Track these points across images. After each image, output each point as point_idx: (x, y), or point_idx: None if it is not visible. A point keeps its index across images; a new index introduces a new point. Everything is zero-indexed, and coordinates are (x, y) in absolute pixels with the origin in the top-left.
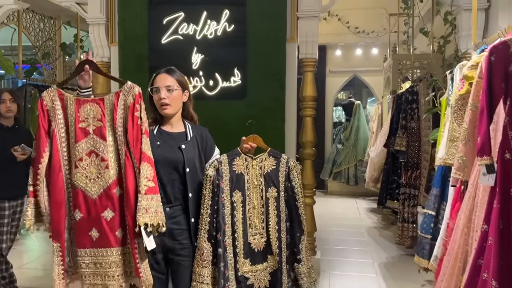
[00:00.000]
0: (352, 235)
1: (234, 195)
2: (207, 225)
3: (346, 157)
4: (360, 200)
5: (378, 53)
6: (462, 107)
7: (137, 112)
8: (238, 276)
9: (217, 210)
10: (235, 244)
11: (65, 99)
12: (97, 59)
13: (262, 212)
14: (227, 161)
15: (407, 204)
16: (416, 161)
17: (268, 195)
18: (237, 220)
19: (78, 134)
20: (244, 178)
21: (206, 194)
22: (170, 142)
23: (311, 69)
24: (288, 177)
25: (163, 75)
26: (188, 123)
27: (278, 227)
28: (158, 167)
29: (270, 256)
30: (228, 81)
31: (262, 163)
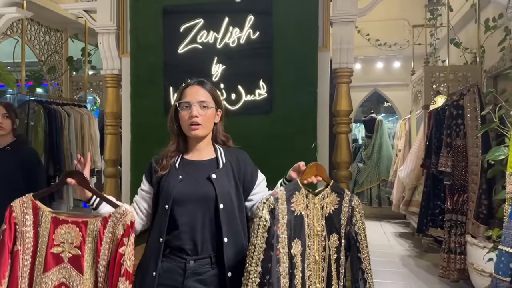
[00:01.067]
0: (386, 265)
1: (294, 246)
2: (256, 284)
3: (368, 176)
4: (385, 223)
5: (400, 67)
6: None
7: (122, 248)
8: None
9: (270, 269)
10: None
11: (39, 214)
12: (107, 71)
13: (323, 268)
14: (284, 198)
15: (453, 232)
16: (462, 183)
17: (330, 244)
18: (297, 282)
19: (49, 261)
20: (304, 221)
21: (257, 245)
22: (197, 173)
23: (346, 80)
24: (350, 219)
25: (195, 88)
26: (220, 147)
27: (338, 286)
28: (182, 208)
29: None
30: (252, 94)
31: (324, 200)
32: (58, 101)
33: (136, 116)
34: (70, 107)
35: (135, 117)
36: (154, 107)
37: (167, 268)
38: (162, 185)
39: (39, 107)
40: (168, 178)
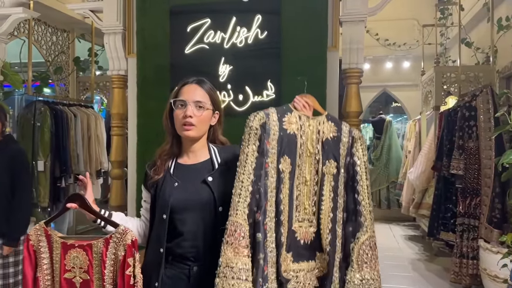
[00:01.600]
0: (395, 269)
1: (282, 162)
2: (248, 196)
3: (377, 178)
4: (395, 226)
5: (409, 67)
6: None
7: (129, 269)
8: (281, 275)
9: (260, 177)
10: (280, 231)
11: (51, 241)
12: (113, 72)
13: (315, 191)
14: (276, 116)
15: (465, 237)
16: (475, 186)
17: (325, 170)
18: (283, 197)
19: (63, 286)
20: (297, 141)
21: (249, 153)
22: (192, 177)
23: (356, 81)
24: (350, 150)
25: (192, 86)
26: (214, 147)
27: (333, 215)
28: (181, 216)
29: (319, 254)
30: (260, 95)
31: (321, 126)
32: (65, 101)
33: (143, 117)
34: (76, 107)
35: (142, 118)
36: (161, 108)
37: (170, 275)
38: (158, 193)
39: (46, 107)
40: (164, 186)
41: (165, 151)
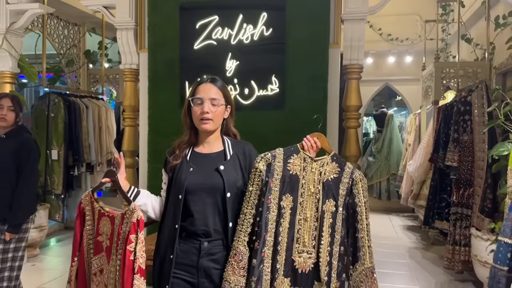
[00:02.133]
0: (393, 256)
1: (284, 200)
2: (249, 227)
3: (378, 170)
4: (394, 216)
5: (411, 62)
6: None
7: (131, 245)
8: None
9: (261, 213)
10: (276, 258)
11: (94, 207)
12: (125, 66)
13: (315, 227)
14: (282, 157)
15: (458, 225)
16: (468, 177)
17: (324, 208)
18: (282, 230)
19: (96, 247)
20: (299, 181)
21: (253, 191)
22: (206, 165)
23: (356, 76)
24: (350, 191)
25: (208, 85)
26: (228, 140)
27: (330, 249)
28: (194, 197)
29: (317, 283)
30: (265, 89)
31: (323, 167)
32: (77, 93)
33: (153, 110)
34: (88, 99)
35: (152, 110)
36: (171, 101)
37: (183, 249)
38: (175, 176)
39: (59, 99)
40: (181, 170)
41: (183, 141)
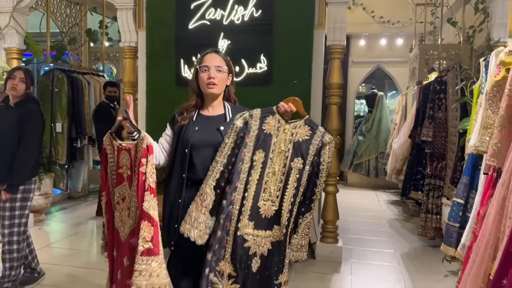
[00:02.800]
0: (373, 226)
1: (257, 154)
2: (217, 174)
3: (367, 149)
4: (381, 192)
5: (403, 44)
6: (497, 94)
7: (143, 167)
8: (237, 235)
9: (234, 163)
10: (243, 203)
11: (114, 145)
12: (125, 44)
13: (281, 180)
14: (259, 117)
15: (431, 195)
16: (442, 152)
17: (292, 165)
18: (251, 180)
19: (118, 179)
20: (272, 140)
21: (227, 143)
22: (210, 125)
23: (338, 56)
24: (319, 152)
25: (213, 55)
26: (229, 105)
27: (293, 200)
28: (198, 152)
29: (277, 227)
30: (254, 67)
31: (296, 129)
32: (79, 70)
33: (151, 85)
34: (89, 76)
35: (150, 86)
36: (167, 77)
37: (189, 195)
38: (182, 134)
39: (63, 75)
40: (187, 129)
41: (191, 105)
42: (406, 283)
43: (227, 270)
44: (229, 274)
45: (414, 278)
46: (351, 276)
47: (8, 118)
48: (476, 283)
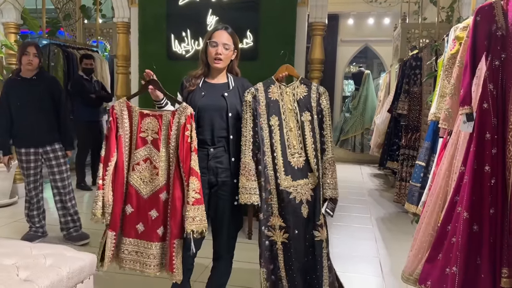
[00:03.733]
0: (354, 195)
1: (271, 120)
2: (250, 145)
3: (354, 125)
4: (365, 166)
5: (389, 23)
6: (452, 65)
7: (188, 132)
8: (280, 190)
9: (257, 132)
10: (275, 163)
11: (132, 110)
12: (118, 19)
13: (299, 134)
14: (263, 89)
15: (405, 164)
16: (416, 124)
17: (303, 119)
18: (275, 141)
19: (139, 142)
20: (279, 104)
21: (248, 118)
22: (214, 91)
23: (320, 33)
24: (318, 101)
25: (222, 32)
26: (231, 76)
27: (314, 146)
28: (204, 114)
29: (310, 174)
30: (240, 43)
31: (295, 90)
32: (74, 45)
33: (143, 59)
34: (84, 51)
35: (142, 60)
36: (159, 51)
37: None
38: (190, 98)
39: (59, 49)
40: (194, 94)
41: (198, 73)
42: (378, 241)
43: (278, 223)
44: (279, 225)
45: (385, 237)
46: None
47: (33, 89)
48: (427, 230)
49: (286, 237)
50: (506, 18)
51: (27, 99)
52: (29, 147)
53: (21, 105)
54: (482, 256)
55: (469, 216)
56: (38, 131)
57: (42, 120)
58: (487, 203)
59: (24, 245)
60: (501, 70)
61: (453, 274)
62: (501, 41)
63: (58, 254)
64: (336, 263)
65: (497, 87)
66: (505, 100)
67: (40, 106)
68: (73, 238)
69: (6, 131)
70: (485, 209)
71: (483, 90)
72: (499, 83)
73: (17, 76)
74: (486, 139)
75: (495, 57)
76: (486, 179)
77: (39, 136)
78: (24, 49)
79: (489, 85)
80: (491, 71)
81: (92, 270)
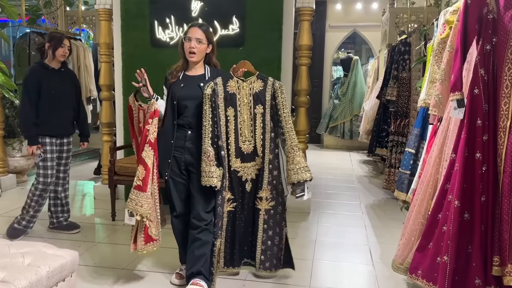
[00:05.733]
0: (343, 182)
1: (228, 111)
2: (210, 133)
3: (343, 112)
4: (354, 153)
5: (378, 8)
6: (442, 50)
7: (148, 126)
8: (231, 170)
9: (216, 122)
10: (229, 148)
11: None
12: (100, 6)
13: (251, 124)
14: (222, 83)
15: (394, 151)
16: (405, 110)
17: (255, 111)
18: (230, 130)
19: (140, 130)
20: (236, 97)
21: (207, 109)
22: (192, 82)
23: (307, 18)
24: (273, 96)
25: (195, 29)
26: (208, 67)
27: (262, 136)
28: (183, 103)
29: (257, 158)
30: (226, 29)
31: (252, 84)
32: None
33: (126, 47)
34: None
35: (125, 48)
36: (142, 38)
37: (177, 136)
38: (172, 89)
39: (40, 38)
40: (175, 86)
41: (178, 66)
42: (367, 228)
43: (227, 196)
44: (228, 198)
45: (375, 225)
46: (317, 223)
47: (64, 80)
48: (417, 219)
49: (233, 206)
50: (498, 1)
51: (61, 89)
52: (56, 136)
53: (55, 94)
54: (473, 244)
55: (460, 204)
56: (66, 122)
57: (70, 111)
58: (478, 190)
59: (1, 244)
60: (492, 55)
61: (444, 263)
62: (492, 24)
63: (37, 252)
64: (325, 251)
65: (488, 73)
66: (497, 85)
67: (69, 97)
68: (64, 227)
69: (34, 122)
70: (476, 197)
71: (474, 76)
72: (490, 68)
73: (46, 66)
74: (477, 126)
75: (486, 41)
76: (477, 167)
77: (67, 126)
78: (60, 41)
79: (480, 70)
80: (482, 56)
81: (74, 267)
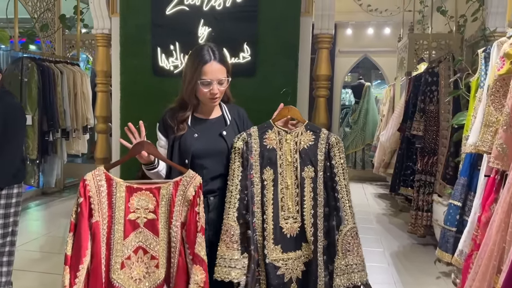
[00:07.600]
0: (361, 221)
1: (265, 173)
2: (236, 203)
3: (354, 140)
4: (367, 185)
5: (390, 33)
6: (500, 89)
7: (197, 207)
8: (266, 263)
9: (247, 187)
10: (264, 227)
11: (113, 185)
12: (98, 31)
13: (297, 193)
14: (257, 134)
15: (422, 191)
16: (433, 146)
17: (303, 175)
18: (267, 200)
19: (127, 227)
20: (277, 154)
21: (235, 169)
22: (209, 130)
23: (326, 46)
24: (328, 155)
25: (216, 65)
26: (224, 105)
27: (314, 211)
28: (198, 161)
29: (305, 244)
30: (236, 57)
31: (298, 137)
32: (51, 58)
33: (125, 75)
34: (63, 64)
35: (124, 76)
36: (143, 66)
37: None
38: (180, 142)
39: (33, 64)
40: (185, 136)
41: (185, 115)
42: (397, 285)
43: None
44: None
45: (405, 281)
46: None
47: None
48: None
49: None
50: None
51: None
52: None
53: None
54: None
55: None
56: None
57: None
58: None
59: None
60: None
61: None
62: None
63: None
64: None
65: None
66: None
67: None
68: None
69: None
70: None
71: None
72: None
73: None
74: None
75: None
76: None
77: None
78: None
79: None
80: None
81: None
